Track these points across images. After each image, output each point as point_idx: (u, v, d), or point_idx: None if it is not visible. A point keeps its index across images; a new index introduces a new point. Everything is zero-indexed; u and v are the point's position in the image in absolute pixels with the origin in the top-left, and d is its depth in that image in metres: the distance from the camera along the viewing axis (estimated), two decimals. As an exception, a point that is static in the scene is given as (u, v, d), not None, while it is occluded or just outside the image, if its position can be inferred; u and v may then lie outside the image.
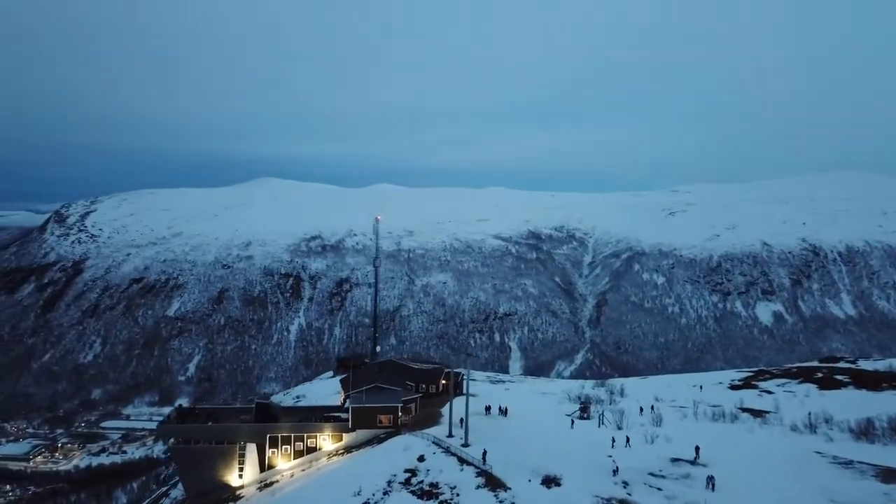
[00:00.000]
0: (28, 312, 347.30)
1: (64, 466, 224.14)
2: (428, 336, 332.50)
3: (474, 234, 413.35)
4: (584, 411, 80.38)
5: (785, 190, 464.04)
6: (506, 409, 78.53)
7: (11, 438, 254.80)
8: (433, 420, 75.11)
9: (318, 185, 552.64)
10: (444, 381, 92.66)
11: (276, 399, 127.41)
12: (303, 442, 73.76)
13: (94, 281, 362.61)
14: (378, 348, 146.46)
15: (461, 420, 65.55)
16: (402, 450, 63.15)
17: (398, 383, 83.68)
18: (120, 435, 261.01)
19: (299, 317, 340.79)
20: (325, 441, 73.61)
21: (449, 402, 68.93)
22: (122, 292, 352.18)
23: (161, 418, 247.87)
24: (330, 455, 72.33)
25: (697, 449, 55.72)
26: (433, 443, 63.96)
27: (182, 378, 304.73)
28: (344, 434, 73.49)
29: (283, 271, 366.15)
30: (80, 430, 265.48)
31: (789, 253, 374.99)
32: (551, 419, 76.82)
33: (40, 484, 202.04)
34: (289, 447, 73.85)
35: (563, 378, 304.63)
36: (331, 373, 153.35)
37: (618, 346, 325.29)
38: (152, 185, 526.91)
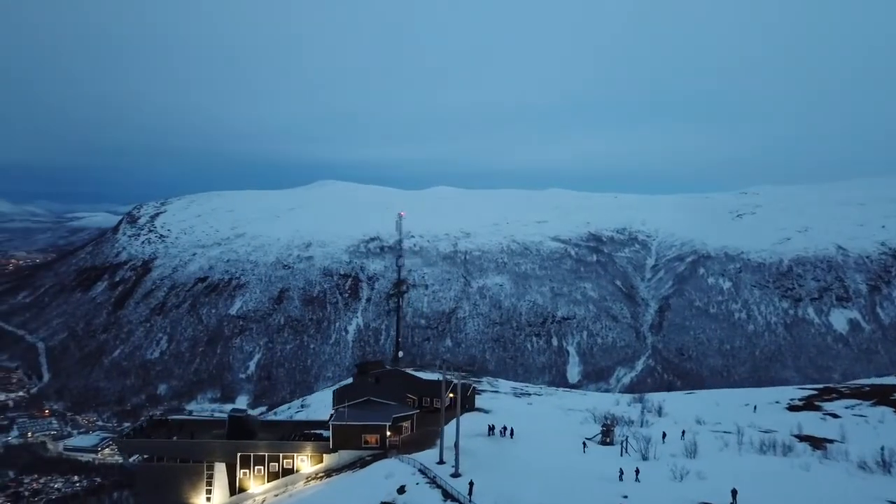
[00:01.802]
0: (101, 309, 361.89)
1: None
2: (483, 339, 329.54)
3: (532, 235, 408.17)
4: (607, 435, 69.34)
5: (861, 191, 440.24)
6: (511, 431, 69.27)
7: (82, 430, 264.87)
8: (431, 441, 65.00)
9: (378, 187, 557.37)
10: (451, 395, 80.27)
11: (283, 407, 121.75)
12: (278, 462, 65.00)
13: (161, 280, 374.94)
14: (400, 353, 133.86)
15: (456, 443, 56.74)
16: (384, 477, 55.87)
17: (397, 396, 74.55)
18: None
19: (357, 317, 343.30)
20: (304, 462, 65.08)
21: (456, 420, 58.83)
22: (188, 291, 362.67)
23: (224, 415, 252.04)
24: (308, 478, 64.23)
25: (734, 493, 46.17)
26: (419, 470, 56.48)
27: (242, 376, 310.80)
28: (325, 455, 64.91)
29: (341, 272, 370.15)
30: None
31: (867, 257, 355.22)
32: (566, 443, 66.55)
33: (106, 476, 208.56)
34: (262, 468, 65.19)
35: (623, 384, 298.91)
36: (350, 379, 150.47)
37: (681, 353, 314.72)
38: (219, 187, 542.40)
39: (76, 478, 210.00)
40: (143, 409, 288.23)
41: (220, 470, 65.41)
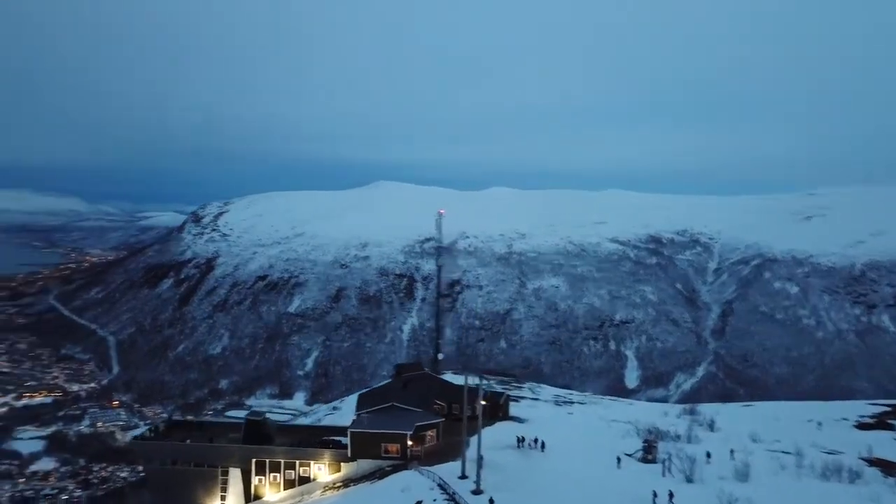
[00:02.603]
0: (167, 306, 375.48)
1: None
2: (538, 341, 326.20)
3: (589, 237, 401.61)
4: (648, 451, 62.72)
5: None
6: (542, 443, 64.04)
7: (148, 422, 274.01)
8: (456, 452, 60.12)
9: (434, 188, 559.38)
10: (484, 402, 75.75)
11: (322, 407, 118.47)
12: (294, 470, 61.84)
13: (224, 277, 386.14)
14: (440, 355, 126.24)
15: (481, 456, 52.82)
16: (400, 490, 52.52)
17: (425, 402, 70.14)
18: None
19: (412, 317, 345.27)
20: (322, 471, 61.85)
21: (478, 431, 55.62)
22: (249, 289, 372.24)
23: (287, 412, 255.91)
24: (325, 488, 61.01)
25: None
26: (438, 485, 53.00)
27: (300, 373, 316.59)
28: (343, 464, 61.58)
29: (397, 272, 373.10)
30: (207, 418, 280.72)
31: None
32: (602, 459, 60.99)
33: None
34: (279, 475, 62.17)
35: (683, 390, 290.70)
36: (389, 380, 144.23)
37: (744, 359, 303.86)
38: (280, 187, 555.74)
39: (141, 467, 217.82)
40: (206, 402, 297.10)
41: (236, 476, 62.92)
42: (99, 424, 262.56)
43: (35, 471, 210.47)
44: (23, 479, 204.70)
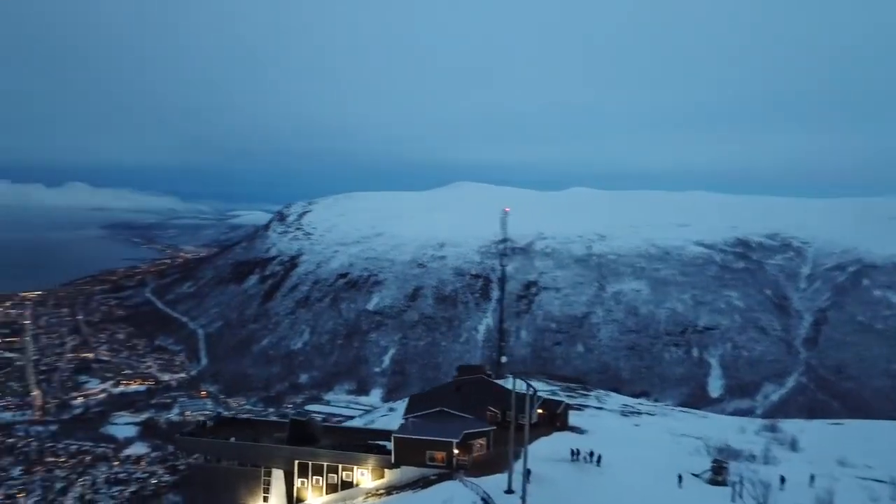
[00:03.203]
0: (252, 301, 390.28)
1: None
2: (617, 346, 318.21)
3: (673, 239, 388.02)
4: (718, 472, 56.57)
5: None
6: (598, 457, 58.98)
7: (232, 413, 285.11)
8: (507, 463, 55.66)
9: (512, 188, 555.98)
10: (541, 411, 73.65)
11: (374, 407, 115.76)
12: (337, 474, 59.21)
13: (306, 275, 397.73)
14: (504, 358, 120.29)
15: (528, 470, 48.28)
16: (442, 502, 49.80)
17: (478, 408, 66.56)
18: (320, 418, 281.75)
19: (487, 317, 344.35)
20: (365, 476, 59.10)
21: (524, 442, 50.75)
22: (330, 286, 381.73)
23: (364, 408, 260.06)
24: (368, 494, 58.60)
25: None
26: (482, 499, 50.08)
27: (377, 369, 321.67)
28: (386, 470, 58.57)
29: (473, 272, 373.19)
30: (287, 410, 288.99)
31: None
32: (663, 478, 55.18)
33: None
34: (321, 479, 59.64)
35: (771, 401, 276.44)
36: (443, 384, 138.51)
37: (839, 371, 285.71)
38: (361, 187, 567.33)
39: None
40: (287, 396, 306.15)
41: (278, 477, 61.42)
42: (187, 413, 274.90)
43: (128, 455, 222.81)
44: (117, 462, 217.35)
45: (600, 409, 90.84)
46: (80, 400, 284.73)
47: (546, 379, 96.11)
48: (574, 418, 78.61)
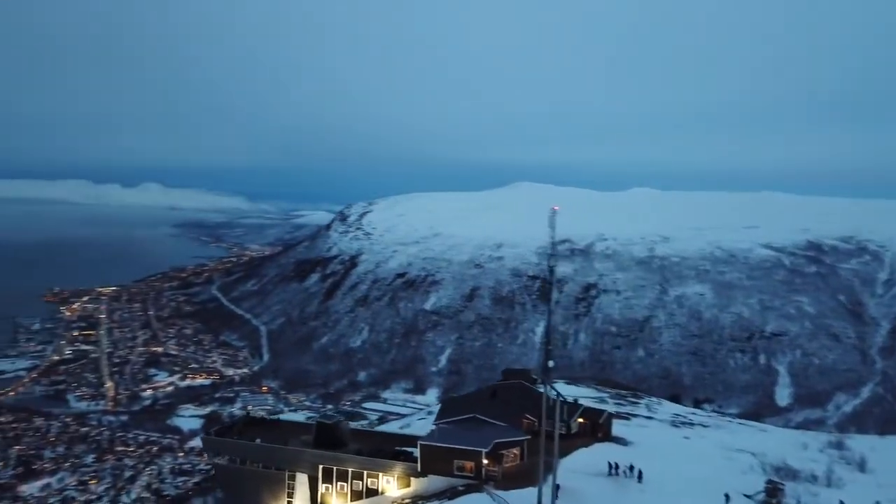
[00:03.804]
0: (313, 299, 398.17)
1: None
2: (679, 351, 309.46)
3: (739, 242, 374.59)
4: (773, 494, 51.54)
5: None
6: (639, 472, 54.35)
7: (292, 409, 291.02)
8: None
9: (572, 188, 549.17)
10: (582, 420, 68.97)
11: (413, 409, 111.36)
12: (362, 481, 56.41)
13: (365, 274, 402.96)
14: (551, 363, 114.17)
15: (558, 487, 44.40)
16: None
17: (514, 415, 62.09)
18: (377, 416, 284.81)
19: (545, 319, 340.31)
20: (391, 484, 56.20)
21: (554, 453, 46.77)
22: (388, 285, 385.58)
23: (419, 407, 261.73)
24: (392, 503, 56.24)
25: None
26: None
27: (434, 369, 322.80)
28: (413, 478, 55.57)
29: (530, 273, 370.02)
30: (345, 407, 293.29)
31: None
32: (710, 498, 50.01)
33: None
34: (346, 485, 56.86)
35: (844, 412, 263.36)
36: (478, 388, 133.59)
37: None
38: (420, 188, 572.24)
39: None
40: (345, 393, 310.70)
41: (302, 482, 59.14)
42: (249, 408, 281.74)
43: (192, 447, 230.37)
44: (182, 454, 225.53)
45: (649, 418, 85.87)
46: (149, 392, 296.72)
47: (595, 385, 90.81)
48: (619, 428, 74.77)
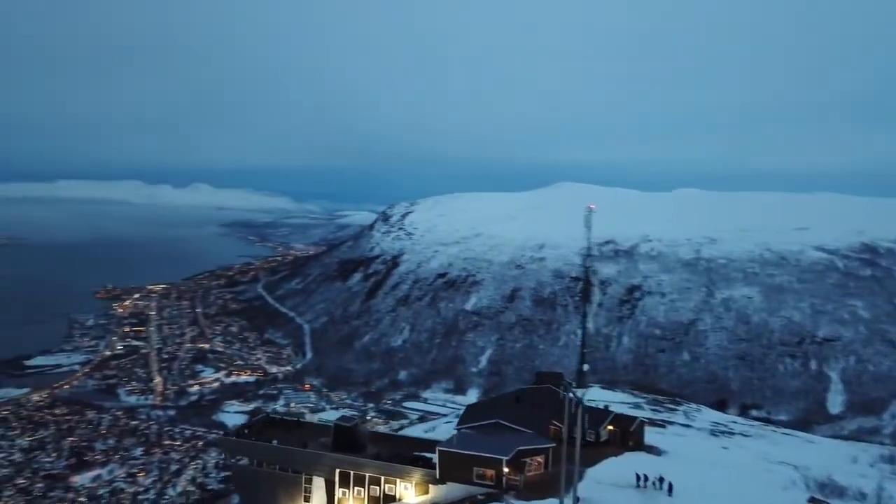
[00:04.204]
0: (355, 298, 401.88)
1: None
2: (726, 356, 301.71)
3: (790, 244, 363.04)
4: None
5: None
6: (669, 486, 51.17)
7: (333, 406, 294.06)
8: (566, 485, 49.44)
9: (616, 189, 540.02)
10: (612, 428, 65.84)
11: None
12: (380, 486, 54.63)
13: (407, 274, 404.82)
14: (586, 367, 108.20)
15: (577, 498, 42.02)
16: None
17: (540, 421, 59.31)
18: (417, 416, 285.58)
19: (587, 321, 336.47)
20: (408, 491, 54.25)
21: (574, 463, 44.54)
22: (429, 285, 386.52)
23: (457, 407, 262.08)
24: None
25: None
26: None
27: (474, 369, 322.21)
28: (431, 485, 53.36)
29: (573, 274, 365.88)
30: (385, 406, 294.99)
31: None
32: None
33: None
34: (363, 490, 55.21)
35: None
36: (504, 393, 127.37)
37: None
38: (462, 189, 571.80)
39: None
40: (385, 392, 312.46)
41: (319, 486, 57.55)
42: (291, 405, 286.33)
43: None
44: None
45: (687, 426, 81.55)
46: (195, 388, 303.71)
47: (632, 390, 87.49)
48: (653, 436, 70.79)
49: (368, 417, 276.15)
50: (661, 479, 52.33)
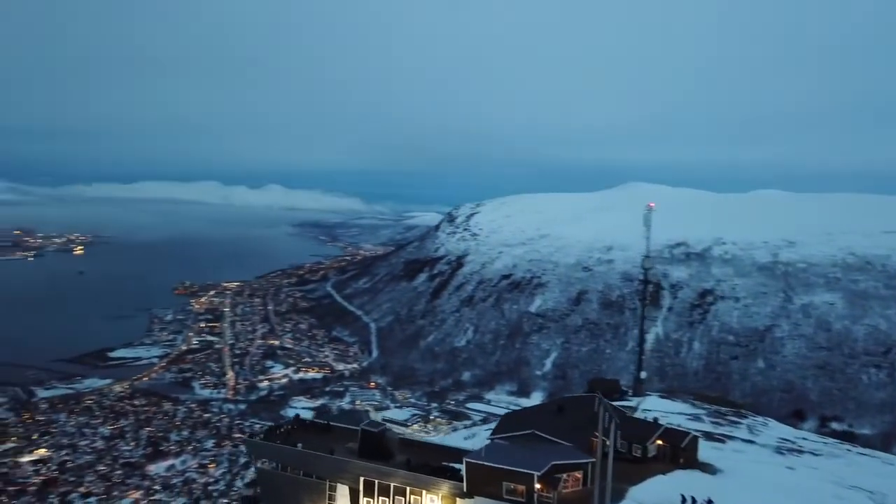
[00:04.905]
0: (420, 298, 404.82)
1: (430, 438, 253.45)
2: (805, 364, 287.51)
3: (876, 248, 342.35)
4: None
5: None
6: None
7: (397, 405, 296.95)
8: None
9: (689, 190, 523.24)
10: (660, 442, 59.31)
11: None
12: (405, 497, 51.41)
13: (471, 275, 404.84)
14: (643, 374, 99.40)
15: None
16: None
17: (582, 434, 53.69)
18: (481, 417, 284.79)
19: (656, 326, 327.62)
20: (434, 503, 50.87)
21: (607, 485, 40.26)
22: (493, 286, 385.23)
23: (517, 407, 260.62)
24: None
25: None
26: None
27: (538, 372, 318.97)
28: (458, 499, 49.94)
29: (642, 277, 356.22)
30: (449, 406, 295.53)
31: None
32: None
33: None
34: (387, 500, 52.23)
35: None
36: (543, 401, 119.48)
37: None
38: (528, 189, 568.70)
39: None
40: (449, 392, 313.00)
41: (343, 494, 54.80)
42: (357, 403, 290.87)
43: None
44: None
45: (749, 442, 73.17)
46: (265, 383, 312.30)
47: (692, 400, 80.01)
48: (709, 452, 64.37)
49: (432, 417, 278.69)
50: (710, 503, 47.65)
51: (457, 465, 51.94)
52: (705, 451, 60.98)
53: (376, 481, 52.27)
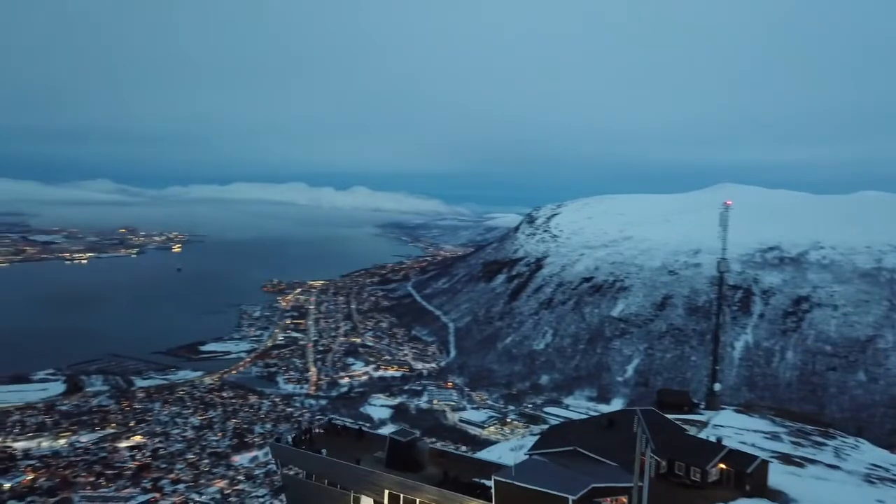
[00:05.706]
0: (499, 299, 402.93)
1: (504, 440, 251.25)
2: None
3: None
4: None
5: None
6: None
7: (474, 406, 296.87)
8: None
9: (783, 191, 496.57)
10: (723, 466, 51.07)
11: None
12: None
13: (550, 276, 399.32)
14: (717, 386, 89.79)
15: None
16: None
17: (633, 453, 42.83)
18: (558, 423, 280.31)
19: (746, 333, 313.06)
20: None
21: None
22: (574, 289, 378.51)
23: (597, 413, 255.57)
24: None
25: None
26: None
27: (620, 379, 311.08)
28: None
29: (731, 282, 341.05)
30: (526, 410, 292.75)
31: None
32: None
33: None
34: None
35: None
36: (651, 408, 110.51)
37: None
38: (612, 190, 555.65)
39: (463, 448, 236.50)
40: (526, 395, 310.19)
41: None
42: (434, 402, 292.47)
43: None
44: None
45: (834, 468, 63.08)
46: (346, 380, 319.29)
47: (772, 416, 71.30)
48: (783, 478, 56.13)
49: (509, 420, 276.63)
50: None
51: (488, 483, 45.72)
52: (780, 476, 52.67)
53: (401, 495, 47.96)
